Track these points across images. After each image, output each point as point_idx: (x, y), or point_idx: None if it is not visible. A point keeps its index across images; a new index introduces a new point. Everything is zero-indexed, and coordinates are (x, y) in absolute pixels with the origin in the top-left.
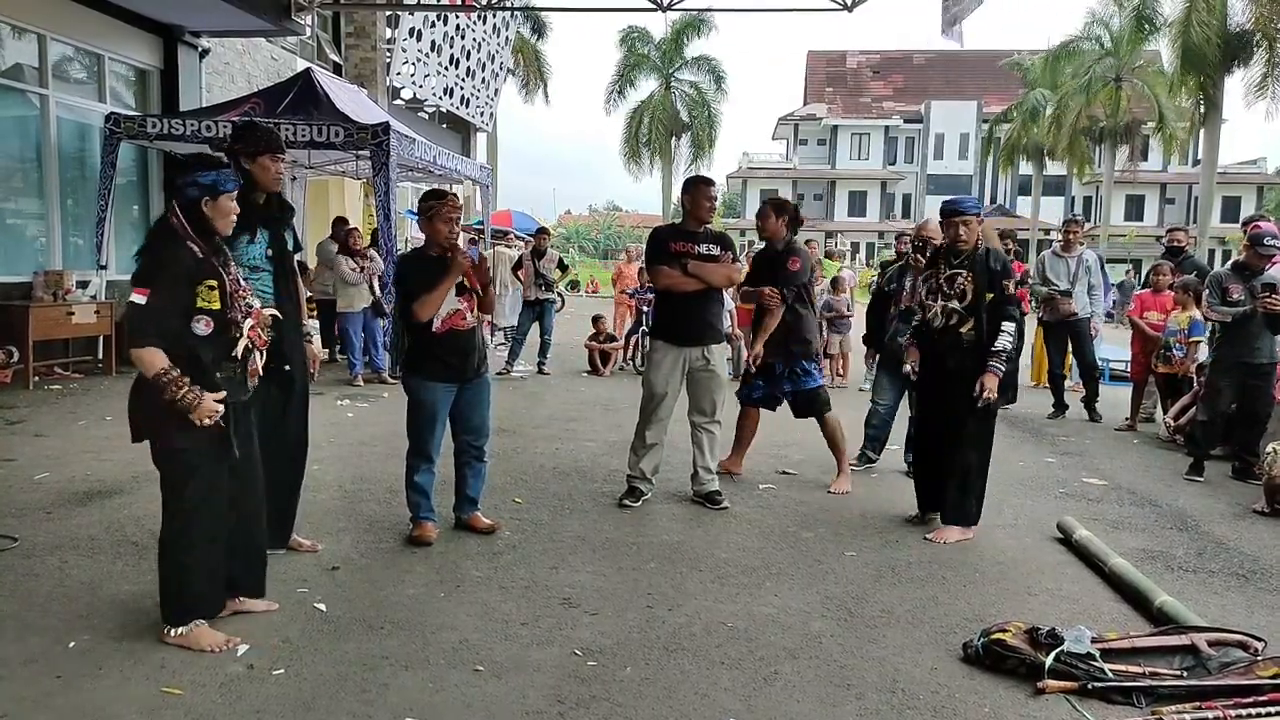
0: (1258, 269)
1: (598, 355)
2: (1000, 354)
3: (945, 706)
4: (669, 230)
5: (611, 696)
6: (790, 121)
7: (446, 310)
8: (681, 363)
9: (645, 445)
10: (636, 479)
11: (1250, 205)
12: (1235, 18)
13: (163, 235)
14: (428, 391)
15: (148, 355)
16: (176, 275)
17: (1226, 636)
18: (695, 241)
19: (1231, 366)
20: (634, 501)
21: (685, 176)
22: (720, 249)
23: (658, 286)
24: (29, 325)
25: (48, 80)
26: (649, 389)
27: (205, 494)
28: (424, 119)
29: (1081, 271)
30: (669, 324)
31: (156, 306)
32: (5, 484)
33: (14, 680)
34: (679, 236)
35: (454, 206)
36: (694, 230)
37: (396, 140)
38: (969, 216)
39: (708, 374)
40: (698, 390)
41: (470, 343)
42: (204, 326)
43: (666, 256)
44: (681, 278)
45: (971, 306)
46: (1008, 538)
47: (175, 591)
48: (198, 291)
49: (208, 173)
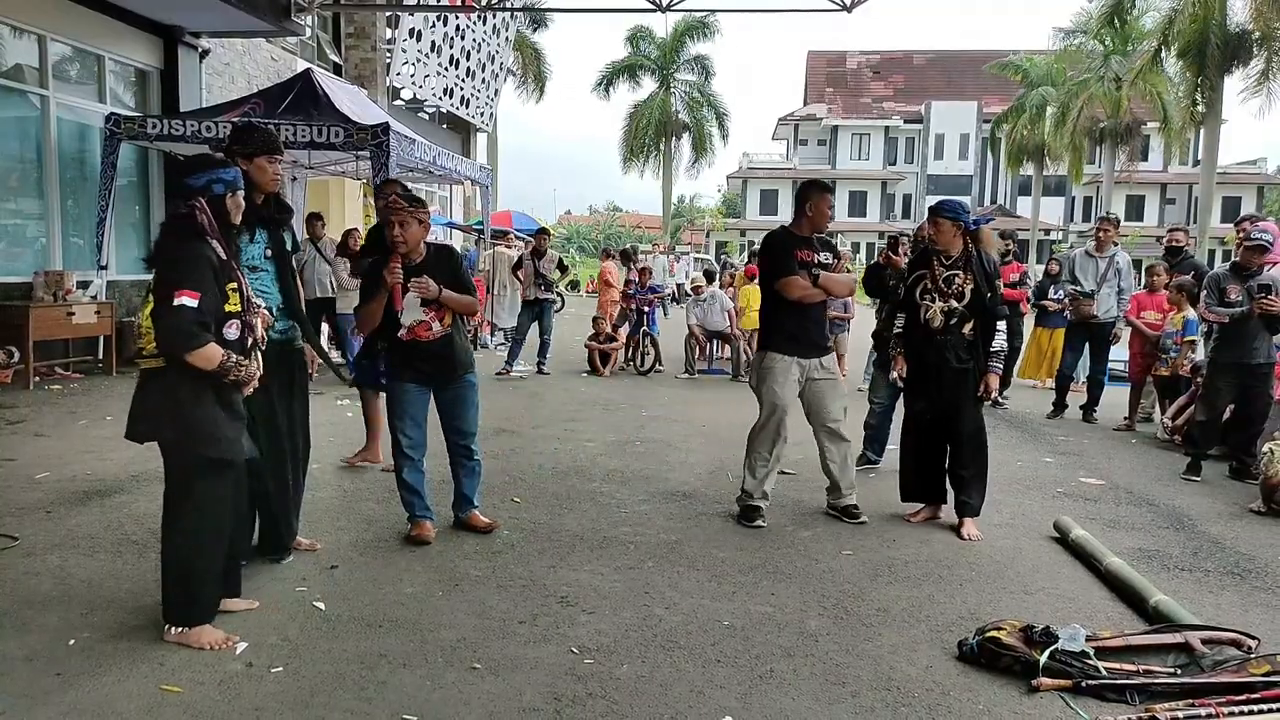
0: (1254, 268)
1: (597, 355)
2: (999, 353)
3: (940, 704)
4: (788, 237)
5: (608, 694)
6: (790, 122)
7: (411, 320)
8: (802, 373)
9: (765, 464)
10: (756, 499)
11: (1250, 205)
12: (1235, 17)
13: (187, 236)
14: (399, 391)
15: (209, 352)
16: (211, 275)
17: (1220, 634)
18: (814, 250)
19: (1228, 367)
20: (762, 521)
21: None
22: (833, 257)
23: (790, 297)
24: (29, 325)
25: (48, 81)
26: (771, 403)
27: (215, 495)
28: (424, 119)
29: (1111, 273)
30: (794, 335)
31: (205, 307)
32: (6, 483)
33: (14, 678)
34: (801, 244)
35: (396, 208)
36: (809, 237)
37: (396, 141)
38: (943, 220)
39: (830, 381)
40: (823, 399)
41: (440, 352)
42: (234, 330)
43: (795, 264)
44: (813, 289)
45: (972, 306)
46: (1004, 537)
47: (179, 592)
48: (226, 294)
49: (227, 169)
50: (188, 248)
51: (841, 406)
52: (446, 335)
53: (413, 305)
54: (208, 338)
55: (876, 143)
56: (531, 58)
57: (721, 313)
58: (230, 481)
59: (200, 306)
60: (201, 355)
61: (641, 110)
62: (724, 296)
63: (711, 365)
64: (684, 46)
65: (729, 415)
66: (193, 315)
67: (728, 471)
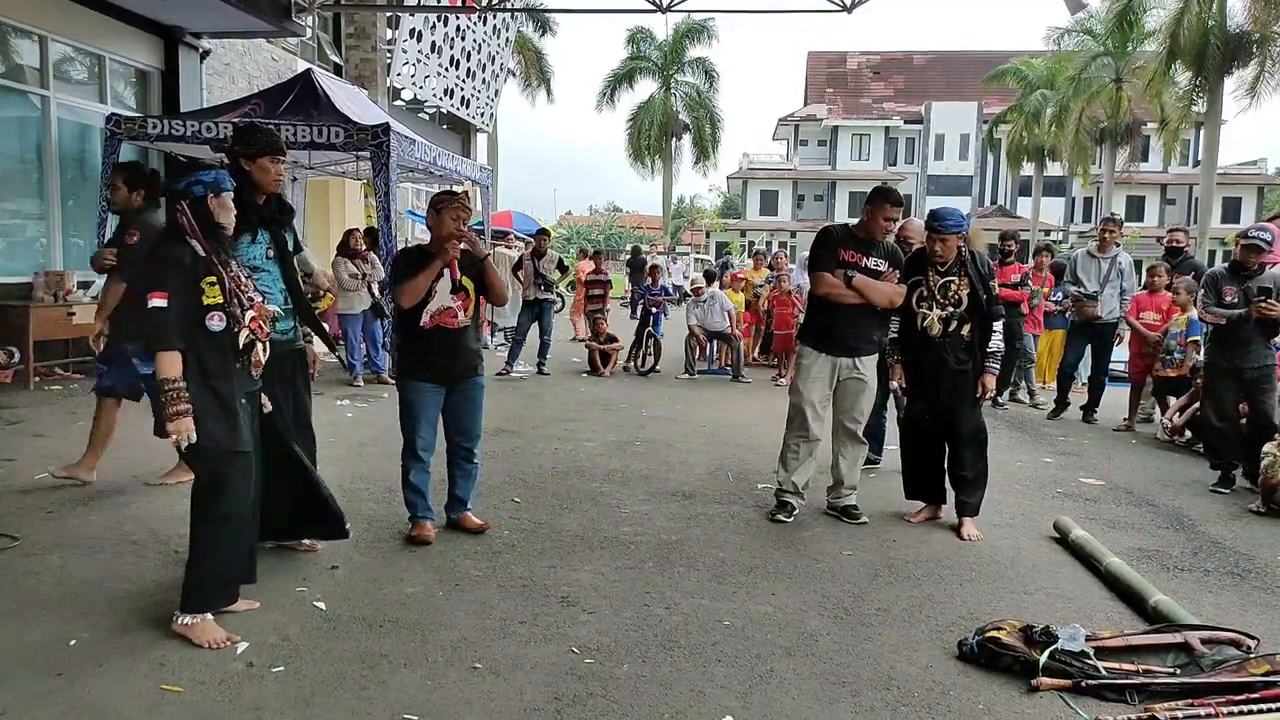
0: (1253, 268)
1: (598, 355)
2: (995, 354)
3: (940, 703)
4: (843, 233)
5: (608, 693)
6: (791, 122)
7: (437, 306)
8: (832, 371)
9: (796, 457)
10: (788, 493)
11: (1250, 205)
12: (1235, 18)
13: (167, 237)
14: (414, 391)
15: (170, 359)
16: (184, 275)
17: (1220, 634)
18: (866, 254)
19: (1225, 371)
20: (786, 517)
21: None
22: (889, 265)
23: (817, 292)
24: (29, 325)
25: (49, 81)
26: (797, 396)
27: (241, 493)
28: (424, 120)
29: (1114, 274)
30: (822, 332)
31: (175, 308)
32: (6, 483)
33: (15, 677)
34: (851, 244)
35: (464, 206)
36: (866, 240)
37: (397, 141)
38: (948, 236)
39: (858, 383)
40: (847, 398)
41: (459, 343)
42: (217, 322)
43: (835, 262)
44: (843, 289)
45: (970, 310)
46: (1004, 537)
47: (198, 581)
48: (202, 289)
49: (208, 172)
50: (164, 250)
51: (865, 410)
52: (467, 327)
53: (444, 293)
54: (175, 344)
55: (877, 143)
56: (533, 59)
57: (722, 313)
58: (252, 479)
59: (170, 306)
60: (163, 358)
61: (643, 112)
62: (724, 297)
63: (712, 366)
64: (684, 49)
65: (729, 416)
66: (164, 316)
67: (728, 472)
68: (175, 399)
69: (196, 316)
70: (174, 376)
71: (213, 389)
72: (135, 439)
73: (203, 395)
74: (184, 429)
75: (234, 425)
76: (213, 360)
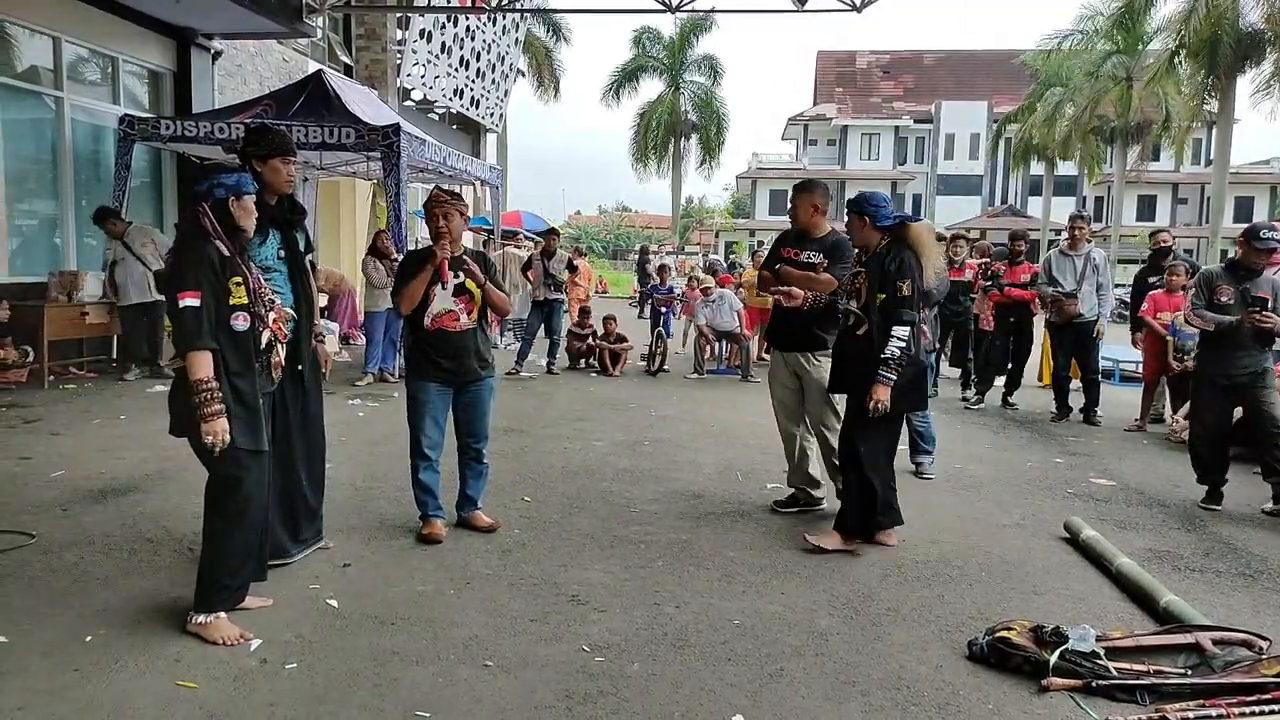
0: (1255, 268)
1: (607, 355)
2: (888, 362)
3: (950, 704)
4: (786, 234)
5: (619, 692)
6: (800, 122)
7: (439, 308)
8: (788, 367)
9: (790, 451)
10: (792, 486)
11: (1263, 205)
12: (1247, 17)
13: (192, 238)
14: (421, 391)
15: (202, 359)
16: (213, 274)
17: (1231, 635)
18: (802, 248)
19: (1214, 379)
20: (781, 507)
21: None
22: (821, 257)
23: (761, 290)
24: (44, 325)
25: (62, 82)
26: (772, 395)
27: (256, 493)
28: (434, 120)
29: (1089, 270)
30: (772, 330)
31: (207, 307)
32: (22, 481)
33: (32, 673)
34: (789, 241)
35: (439, 201)
36: (799, 234)
37: (407, 141)
38: (850, 214)
39: (810, 378)
40: (807, 392)
41: (463, 345)
42: (241, 322)
43: (775, 260)
44: (772, 284)
45: (865, 308)
46: (1015, 537)
47: (210, 580)
48: (229, 289)
49: (230, 174)
50: (191, 250)
51: (822, 405)
52: (471, 330)
53: (444, 295)
54: (208, 344)
55: (886, 143)
56: (544, 59)
57: (731, 313)
58: (252, 471)
59: (201, 305)
60: (194, 358)
61: (651, 111)
62: (733, 297)
63: (720, 365)
64: (691, 46)
65: (738, 415)
66: (196, 315)
67: (737, 471)
68: (209, 399)
69: (221, 316)
70: (206, 377)
71: (235, 388)
72: (146, 438)
73: (225, 394)
74: (219, 430)
75: (255, 425)
76: (235, 360)
